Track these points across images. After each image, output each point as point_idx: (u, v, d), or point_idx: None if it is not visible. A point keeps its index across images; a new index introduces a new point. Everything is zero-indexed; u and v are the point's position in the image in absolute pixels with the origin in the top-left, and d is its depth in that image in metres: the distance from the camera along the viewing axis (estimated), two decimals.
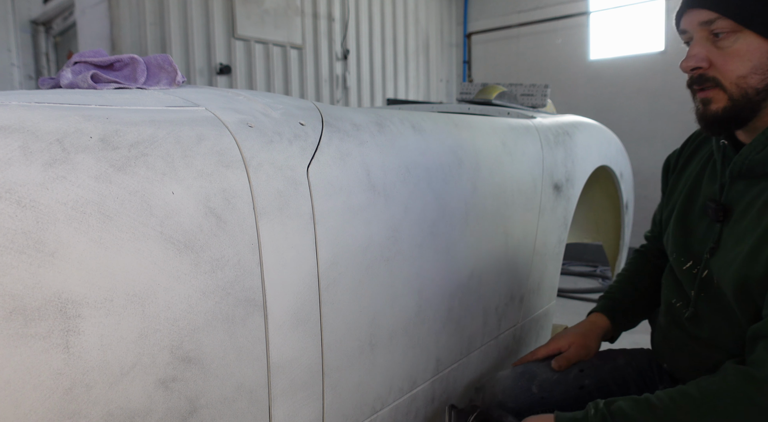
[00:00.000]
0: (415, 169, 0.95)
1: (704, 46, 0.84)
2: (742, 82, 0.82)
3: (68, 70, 0.84)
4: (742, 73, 0.82)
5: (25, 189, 0.51)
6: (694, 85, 0.87)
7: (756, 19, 0.79)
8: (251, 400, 0.70)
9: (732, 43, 0.82)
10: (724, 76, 0.83)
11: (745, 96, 0.83)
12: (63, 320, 0.53)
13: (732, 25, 0.81)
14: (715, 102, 0.85)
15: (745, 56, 0.81)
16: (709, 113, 0.86)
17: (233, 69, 4.29)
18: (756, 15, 0.79)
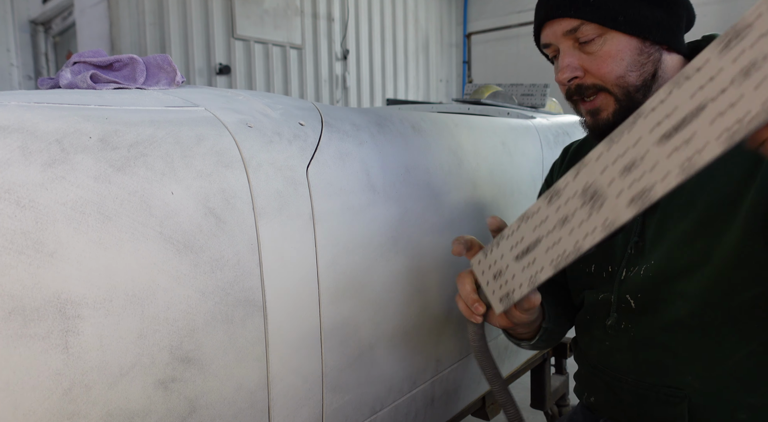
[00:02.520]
0: (415, 169, 0.95)
1: (574, 55, 0.83)
2: (622, 82, 0.81)
3: (67, 70, 0.83)
4: (619, 74, 0.81)
5: (24, 189, 0.51)
6: (574, 97, 0.85)
7: (619, 18, 0.79)
8: (251, 401, 0.70)
9: (600, 46, 0.81)
10: (604, 79, 0.81)
11: (628, 95, 0.81)
12: (62, 320, 0.53)
13: (597, 28, 0.80)
14: (604, 109, 0.83)
15: (617, 56, 0.80)
16: (602, 122, 0.83)
17: (233, 69, 4.30)
18: (619, 14, 0.79)
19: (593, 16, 0.80)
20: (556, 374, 1.78)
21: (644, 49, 0.80)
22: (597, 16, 0.79)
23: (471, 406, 1.26)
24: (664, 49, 0.82)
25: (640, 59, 0.80)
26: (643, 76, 0.81)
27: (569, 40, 0.83)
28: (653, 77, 0.81)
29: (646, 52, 0.81)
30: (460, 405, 1.19)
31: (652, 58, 0.81)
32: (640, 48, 0.80)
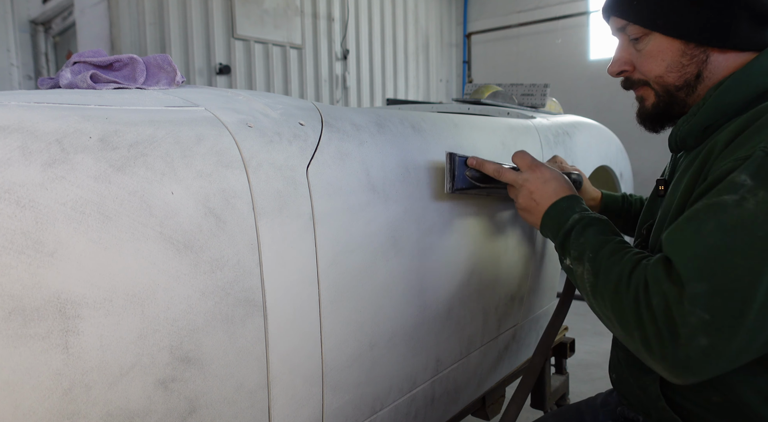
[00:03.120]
0: (415, 169, 0.95)
1: (625, 50, 0.89)
2: (660, 81, 0.85)
3: (67, 70, 0.83)
4: (658, 73, 0.85)
5: (24, 189, 0.51)
6: (624, 86, 0.92)
7: (659, 21, 0.82)
8: (251, 400, 0.70)
9: (645, 45, 0.85)
10: (647, 76, 0.87)
11: (668, 93, 0.86)
12: (62, 320, 0.53)
13: (641, 29, 0.84)
14: (646, 99, 0.89)
15: (659, 56, 0.84)
16: (644, 110, 0.90)
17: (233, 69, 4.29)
18: (658, 17, 0.81)
19: (636, 17, 0.84)
20: (556, 374, 1.78)
21: (687, 51, 0.82)
22: (638, 17, 0.83)
23: (471, 406, 1.27)
24: (714, 50, 0.81)
25: (681, 61, 0.82)
26: (684, 77, 0.83)
27: (623, 36, 0.88)
28: (697, 78, 0.83)
29: (689, 54, 0.82)
30: (460, 405, 1.19)
31: (695, 60, 0.82)
32: (683, 50, 0.82)
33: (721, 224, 0.64)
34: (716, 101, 0.80)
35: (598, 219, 0.86)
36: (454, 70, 6.62)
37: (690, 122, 0.83)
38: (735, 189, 0.65)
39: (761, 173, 0.65)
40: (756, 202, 0.63)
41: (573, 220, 0.87)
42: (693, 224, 0.67)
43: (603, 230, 0.83)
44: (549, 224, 0.91)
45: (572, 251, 0.83)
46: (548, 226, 0.91)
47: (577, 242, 0.83)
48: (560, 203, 0.91)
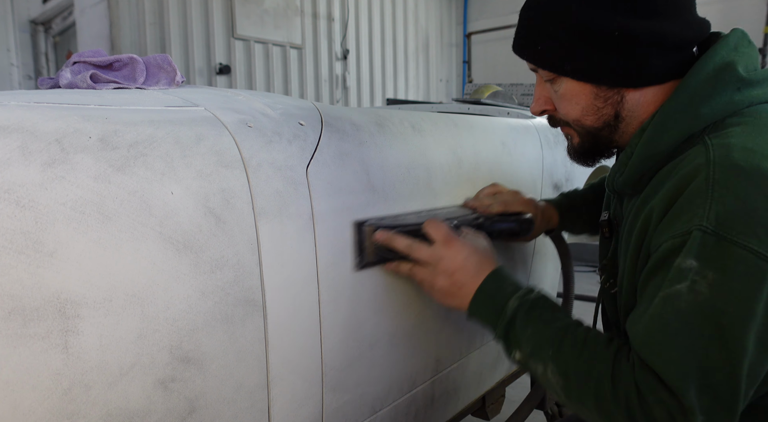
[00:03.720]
0: (415, 169, 0.95)
1: (544, 88, 0.85)
2: (579, 123, 0.83)
3: (67, 70, 0.83)
4: (575, 117, 0.82)
5: (23, 189, 0.51)
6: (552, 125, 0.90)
7: (566, 67, 0.78)
8: (251, 400, 0.70)
9: (559, 87, 0.81)
10: (566, 118, 0.84)
11: (590, 134, 0.83)
12: (62, 320, 0.53)
13: (550, 73, 0.80)
14: (573, 138, 0.87)
15: (573, 100, 0.80)
16: (572, 148, 0.89)
17: (233, 69, 4.29)
18: (565, 62, 0.77)
19: (542, 63, 0.80)
20: None
21: (600, 94, 0.78)
22: (545, 63, 0.80)
23: (471, 406, 1.27)
24: (628, 90, 0.78)
25: (596, 104, 0.79)
26: (602, 120, 0.80)
27: (538, 75, 0.84)
28: (616, 118, 0.80)
29: (602, 97, 0.78)
30: (459, 405, 1.19)
31: (610, 102, 0.79)
32: (595, 93, 0.78)
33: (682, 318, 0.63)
34: (642, 153, 0.76)
35: (538, 300, 0.79)
36: (454, 70, 6.62)
37: (623, 173, 0.80)
38: (684, 275, 0.63)
39: (704, 253, 0.63)
40: (708, 285, 0.62)
41: (512, 309, 0.78)
42: (656, 322, 0.65)
43: (550, 315, 0.77)
44: (481, 313, 0.82)
45: (523, 346, 0.76)
46: (480, 314, 0.82)
47: (526, 335, 0.76)
48: (488, 286, 0.82)
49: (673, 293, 0.64)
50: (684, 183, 0.68)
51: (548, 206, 1.14)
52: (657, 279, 0.68)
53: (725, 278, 0.62)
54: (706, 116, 0.72)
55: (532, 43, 0.80)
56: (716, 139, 0.70)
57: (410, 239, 0.84)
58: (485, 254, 0.85)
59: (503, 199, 1.05)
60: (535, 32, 0.80)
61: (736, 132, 0.69)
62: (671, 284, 0.65)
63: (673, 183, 0.70)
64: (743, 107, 0.73)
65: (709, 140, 0.70)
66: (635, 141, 0.78)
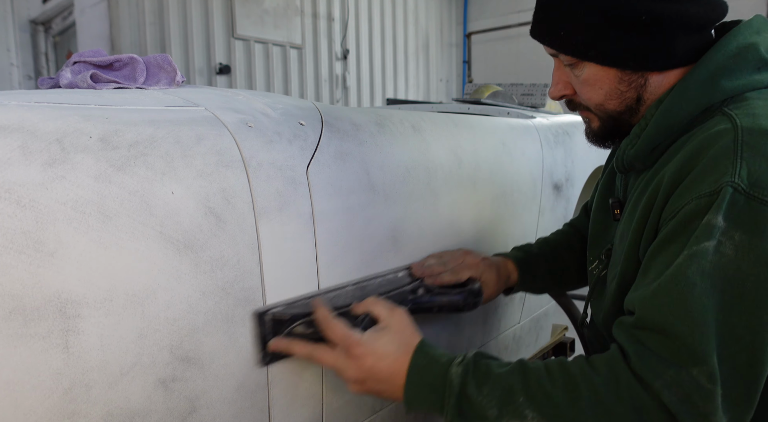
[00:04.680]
0: (415, 169, 0.95)
1: (564, 73, 0.83)
2: (601, 108, 0.81)
3: (68, 70, 0.83)
4: (598, 101, 0.80)
5: (24, 189, 0.51)
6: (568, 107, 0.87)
7: (590, 52, 0.75)
8: (251, 400, 0.70)
9: (581, 71, 0.79)
10: (587, 103, 0.82)
11: (611, 118, 0.81)
12: (62, 320, 0.53)
13: (572, 58, 0.78)
14: (592, 121, 0.85)
15: (596, 85, 0.78)
16: (591, 131, 0.86)
17: (233, 69, 4.29)
18: (589, 48, 0.75)
19: (565, 48, 0.78)
20: None
21: (624, 78, 0.77)
22: (568, 48, 0.77)
23: None
24: (652, 74, 0.76)
25: (619, 88, 0.77)
26: (625, 103, 0.79)
27: (558, 60, 0.82)
28: (638, 101, 0.78)
29: (626, 81, 0.77)
30: None
31: (633, 85, 0.77)
32: (620, 77, 0.77)
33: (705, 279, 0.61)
34: (658, 123, 0.75)
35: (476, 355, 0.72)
36: (454, 70, 6.62)
37: (635, 145, 0.78)
38: (712, 233, 0.61)
39: (731, 212, 0.61)
40: (734, 246, 0.60)
41: (458, 376, 0.68)
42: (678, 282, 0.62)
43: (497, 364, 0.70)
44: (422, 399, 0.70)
45: (487, 410, 0.67)
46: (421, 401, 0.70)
47: (484, 396, 0.67)
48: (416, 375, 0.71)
49: (699, 251, 0.61)
50: (705, 146, 0.66)
51: (504, 262, 1.04)
52: (675, 245, 0.65)
53: (753, 239, 0.60)
54: (726, 89, 0.71)
55: (553, 27, 0.78)
56: (738, 110, 0.69)
57: (310, 345, 0.72)
58: (400, 346, 0.73)
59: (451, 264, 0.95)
60: (556, 16, 0.77)
61: (759, 105, 0.68)
62: (698, 242, 0.62)
63: (691, 147, 0.68)
64: (762, 87, 0.72)
65: (730, 110, 0.69)
66: (651, 112, 0.76)
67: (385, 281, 0.87)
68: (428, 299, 0.91)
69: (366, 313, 0.77)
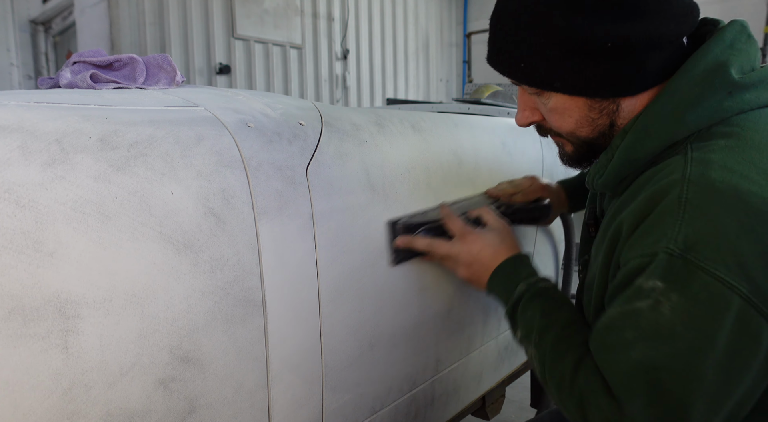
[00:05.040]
0: (415, 169, 0.95)
1: (529, 99, 0.78)
2: (573, 135, 0.77)
3: (67, 70, 0.83)
4: (569, 130, 0.76)
5: (23, 189, 0.51)
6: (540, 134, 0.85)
7: (556, 84, 0.71)
8: (251, 400, 0.70)
9: (548, 100, 0.75)
10: (558, 130, 0.78)
11: (585, 144, 0.78)
12: (62, 320, 0.53)
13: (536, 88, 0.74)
14: (565, 146, 0.82)
15: (565, 113, 0.74)
16: (566, 155, 0.83)
17: (233, 69, 4.29)
18: (554, 79, 0.70)
19: (527, 81, 0.73)
20: None
21: (594, 106, 0.73)
22: (531, 81, 0.72)
23: (471, 406, 1.26)
24: (624, 99, 0.72)
25: (590, 115, 0.73)
26: (597, 130, 0.75)
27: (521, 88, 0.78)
28: (611, 126, 0.75)
29: (597, 108, 0.73)
30: (459, 405, 1.19)
31: (605, 112, 0.73)
32: (589, 105, 0.73)
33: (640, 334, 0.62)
34: (622, 158, 0.72)
35: (543, 290, 0.82)
36: (454, 70, 6.62)
37: (602, 175, 0.76)
38: (647, 294, 0.61)
39: (670, 275, 0.60)
40: (671, 307, 0.60)
41: (518, 292, 0.83)
42: (613, 335, 0.65)
43: (548, 306, 0.80)
44: (496, 292, 0.88)
45: (520, 328, 0.81)
46: (496, 294, 0.88)
47: (524, 319, 0.80)
48: (504, 269, 0.87)
49: (631, 310, 0.63)
50: (655, 199, 0.64)
51: (559, 189, 1.18)
52: (621, 296, 0.66)
53: (688, 303, 0.59)
54: (691, 124, 0.68)
55: (510, 60, 0.73)
56: (697, 152, 0.65)
57: (429, 239, 0.91)
58: (502, 243, 0.90)
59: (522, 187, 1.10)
60: (513, 46, 0.72)
61: (719, 146, 0.65)
62: (630, 302, 0.63)
63: (645, 197, 0.66)
64: (732, 114, 0.67)
65: (691, 151, 0.66)
66: (617, 143, 0.73)
67: (472, 202, 1.05)
68: (510, 213, 1.08)
69: (478, 216, 0.96)
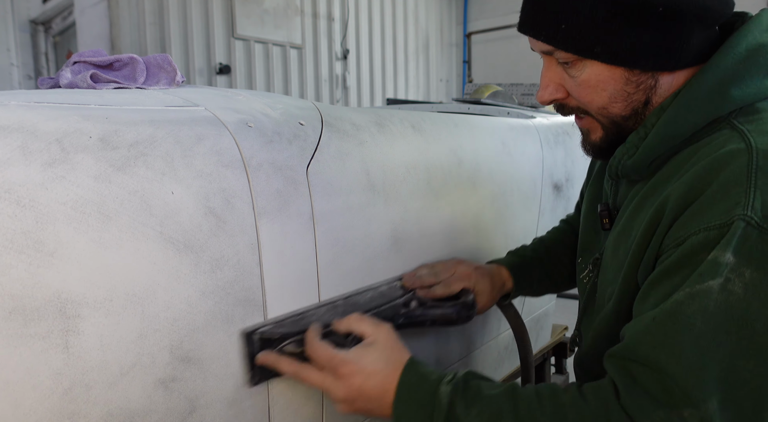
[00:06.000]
0: (415, 169, 0.95)
1: (556, 73, 0.73)
2: (604, 113, 0.72)
3: (67, 69, 0.83)
4: (601, 105, 0.71)
5: (24, 189, 0.51)
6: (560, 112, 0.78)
7: (596, 48, 0.66)
8: (251, 400, 0.70)
9: (580, 72, 0.70)
10: (587, 107, 0.73)
11: (615, 124, 0.73)
12: (62, 320, 0.53)
13: (572, 55, 0.69)
14: (592, 132, 0.76)
15: (599, 86, 0.69)
16: (590, 143, 0.77)
17: (233, 69, 4.29)
18: (595, 44, 0.66)
19: (565, 44, 0.68)
20: (556, 374, 1.78)
21: (631, 79, 0.69)
22: (570, 45, 0.68)
23: None
24: (663, 73, 0.69)
25: (626, 89, 0.69)
26: (631, 106, 0.70)
27: (550, 58, 0.73)
28: (646, 104, 0.70)
29: (634, 82, 0.69)
30: None
31: (642, 87, 0.69)
32: (626, 77, 0.69)
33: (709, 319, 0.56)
34: (660, 134, 0.68)
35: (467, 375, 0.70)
36: (454, 70, 6.62)
37: (632, 156, 0.71)
38: (717, 271, 0.56)
39: (743, 247, 0.55)
40: (744, 284, 0.55)
41: (446, 395, 0.66)
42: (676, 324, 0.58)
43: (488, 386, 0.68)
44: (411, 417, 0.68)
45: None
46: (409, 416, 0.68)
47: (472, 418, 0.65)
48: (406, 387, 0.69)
49: (703, 290, 0.57)
50: (714, 169, 0.60)
51: (499, 269, 1.01)
52: (677, 277, 0.60)
53: (766, 277, 0.55)
54: (736, 99, 0.65)
55: (551, 20, 0.68)
56: (751, 125, 0.63)
57: (297, 364, 0.70)
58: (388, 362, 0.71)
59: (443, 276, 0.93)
60: (555, 7, 0.67)
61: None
62: (702, 280, 0.57)
63: (700, 168, 0.62)
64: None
65: (741, 125, 0.63)
66: (652, 121, 0.69)
67: (377, 294, 0.86)
68: (421, 312, 0.89)
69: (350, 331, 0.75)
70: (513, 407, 0.64)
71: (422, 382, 0.69)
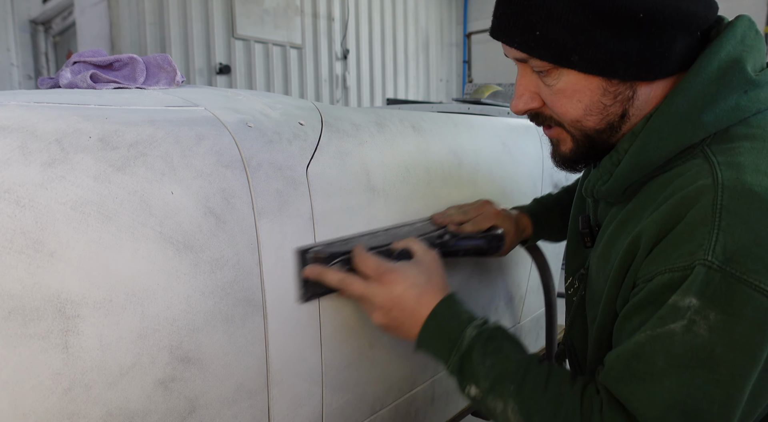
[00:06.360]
0: (415, 169, 0.95)
1: (531, 81, 0.70)
2: (578, 125, 0.69)
3: (67, 69, 0.83)
4: (575, 117, 0.68)
5: (23, 189, 0.51)
6: (532, 121, 0.76)
7: (573, 57, 0.63)
8: (251, 400, 0.70)
9: (556, 80, 0.67)
10: (560, 118, 0.70)
11: (588, 138, 0.70)
12: (62, 320, 0.53)
13: (548, 63, 0.66)
14: (562, 143, 0.74)
15: (575, 96, 0.66)
16: (560, 154, 0.75)
17: (233, 69, 4.30)
18: (572, 52, 0.63)
19: (541, 52, 0.65)
20: None
21: (609, 89, 0.65)
22: (545, 52, 0.64)
23: (471, 406, 1.26)
24: (642, 84, 0.66)
25: (603, 101, 0.66)
26: (606, 120, 0.67)
27: (526, 66, 0.70)
28: (622, 117, 0.67)
29: (612, 93, 0.65)
30: (460, 405, 1.19)
31: (620, 98, 0.66)
32: (604, 88, 0.65)
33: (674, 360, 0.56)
34: (632, 162, 0.66)
35: (496, 330, 0.71)
36: (454, 70, 6.62)
37: (606, 182, 0.70)
38: (681, 314, 0.56)
39: (707, 291, 0.55)
40: (709, 327, 0.55)
41: (469, 338, 0.69)
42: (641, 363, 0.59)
43: (510, 348, 0.69)
44: (432, 342, 0.72)
45: (480, 380, 0.68)
46: (431, 344, 0.72)
47: (484, 368, 0.67)
48: (438, 315, 0.72)
49: (664, 333, 0.57)
50: (683, 207, 0.59)
51: (521, 215, 1.04)
52: (644, 314, 0.61)
53: (730, 320, 0.54)
54: (708, 126, 0.62)
55: (525, 26, 0.64)
56: (722, 156, 0.60)
57: (343, 273, 0.74)
58: (429, 283, 0.75)
59: (472, 214, 0.97)
60: (529, 12, 0.64)
61: (745, 149, 0.60)
62: (663, 323, 0.57)
63: (670, 205, 0.61)
64: (750, 114, 0.63)
65: (713, 155, 0.61)
66: (624, 147, 0.67)
67: (413, 228, 0.91)
68: (454, 243, 0.94)
69: (403, 248, 0.81)
70: (522, 378, 0.66)
71: (453, 318, 0.72)
